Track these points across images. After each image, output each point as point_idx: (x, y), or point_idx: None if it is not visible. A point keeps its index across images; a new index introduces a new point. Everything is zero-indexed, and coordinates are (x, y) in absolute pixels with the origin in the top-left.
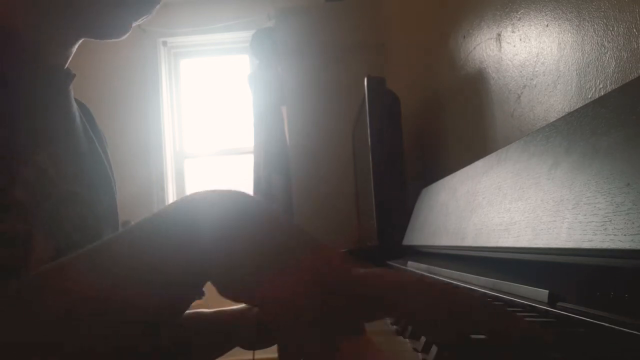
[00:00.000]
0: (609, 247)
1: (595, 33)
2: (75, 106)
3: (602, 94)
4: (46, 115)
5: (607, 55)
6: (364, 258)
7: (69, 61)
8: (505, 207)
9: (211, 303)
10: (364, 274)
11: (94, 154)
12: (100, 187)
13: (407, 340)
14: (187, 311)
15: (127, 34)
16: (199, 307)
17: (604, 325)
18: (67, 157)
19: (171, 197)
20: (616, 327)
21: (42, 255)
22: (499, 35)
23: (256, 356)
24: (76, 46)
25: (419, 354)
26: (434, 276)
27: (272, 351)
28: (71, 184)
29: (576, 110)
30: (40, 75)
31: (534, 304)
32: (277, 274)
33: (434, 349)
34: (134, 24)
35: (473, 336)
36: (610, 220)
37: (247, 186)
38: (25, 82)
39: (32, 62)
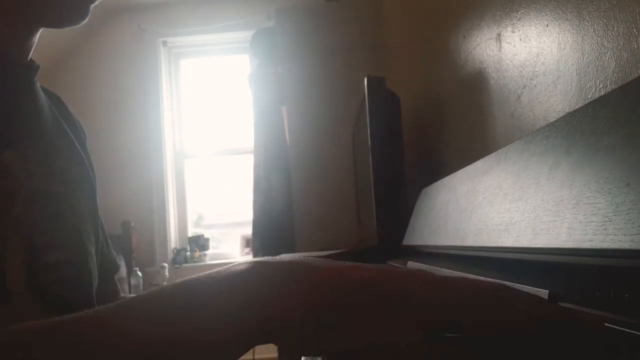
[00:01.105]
0: (609, 247)
1: (595, 33)
2: (43, 99)
3: (602, 94)
4: (10, 111)
5: (607, 55)
6: (364, 258)
7: (31, 53)
8: (505, 207)
9: None
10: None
11: (69, 148)
12: (78, 183)
13: None
14: None
15: (87, 19)
16: None
17: (604, 325)
18: (37, 154)
19: (171, 197)
20: (616, 327)
21: (19, 255)
22: (499, 35)
23: (256, 356)
24: (36, 37)
25: None
26: None
27: (273, 351)
28: (43, 182)
29: (576, 110)
30: (1, 69)
31: None
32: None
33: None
34: (92, 6)
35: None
36: (610, 220)
37: (247, 186)
38: None
39: None
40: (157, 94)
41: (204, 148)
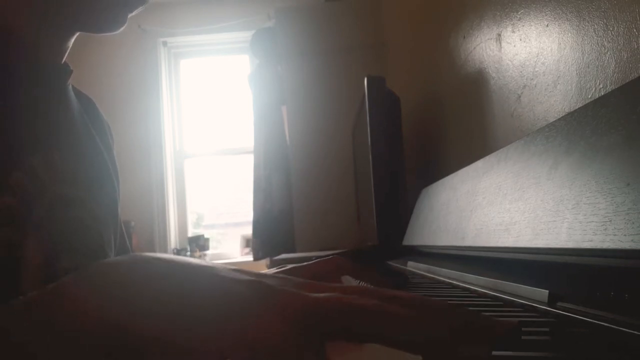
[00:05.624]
0: (609, 247)
1: (595, 33)
2: (74, 101)
3: (602, 94)
4: (43, 114)
5: (607, 55)
6: (364, 258)
7: (65, 56)
8: (505, 207)
9: None
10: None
11: (95, 152)
12: (101, 188)
13: None
14: None
15: (124, 27)
16: None
17: (604, 325)
18: (65, 159)
19: (171, 197)
20: (616, 327)
21: (36, 260)
22: (499, 35)
23: None
24: (72, 40)
25: None
26: (435, 276)
27: None
28: (66, 187)
29: (576, 110)
30: (36, 72)
31: (534, 304)
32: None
33: None
34: (130, 15)
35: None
36: (610, 220)
37: (247, 186)
38: (20, 81)
39: (27, 60)
40: (157, 94)
41: (204, 148)
